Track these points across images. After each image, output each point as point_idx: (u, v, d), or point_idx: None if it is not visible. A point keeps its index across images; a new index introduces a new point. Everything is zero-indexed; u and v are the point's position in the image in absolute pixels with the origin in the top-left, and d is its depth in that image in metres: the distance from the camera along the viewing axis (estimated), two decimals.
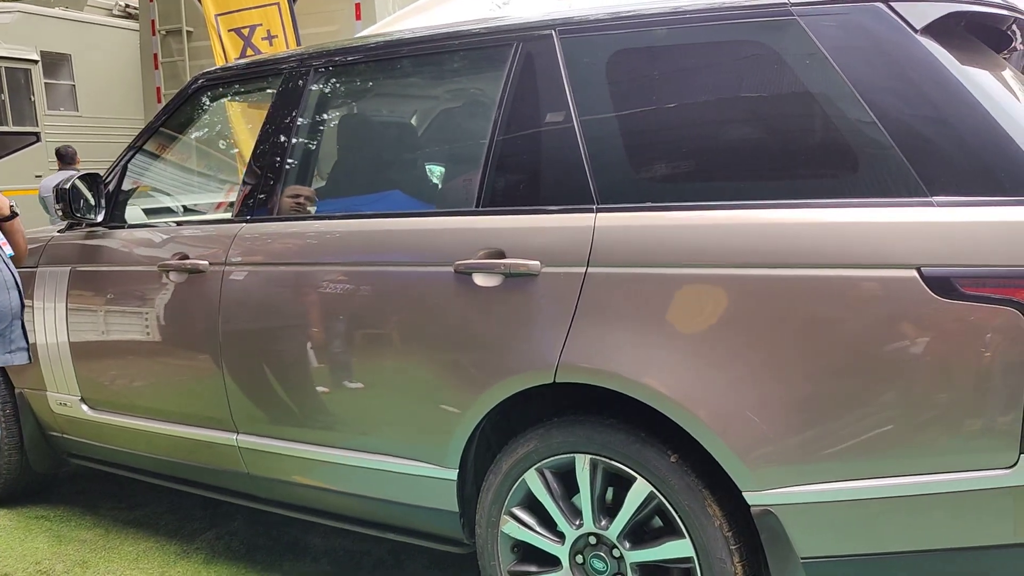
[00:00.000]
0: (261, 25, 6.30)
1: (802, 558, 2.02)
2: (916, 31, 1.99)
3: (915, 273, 1.84)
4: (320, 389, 2.72)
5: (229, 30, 6.38)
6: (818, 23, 2.06)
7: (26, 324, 2.77)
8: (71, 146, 8.69)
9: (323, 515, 2.94)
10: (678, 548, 2.17)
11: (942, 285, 1.82)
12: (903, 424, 1.88)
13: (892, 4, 2.02)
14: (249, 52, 6.29)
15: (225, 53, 6.34)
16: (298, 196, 2.96)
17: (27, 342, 2.71)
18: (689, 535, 2.14)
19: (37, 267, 3.59)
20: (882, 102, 1.96)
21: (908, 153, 1.91)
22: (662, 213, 2.16)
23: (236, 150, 5.23)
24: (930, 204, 1.87)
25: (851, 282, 1.91)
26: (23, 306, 2.73)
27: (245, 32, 6.34)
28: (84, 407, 3.48)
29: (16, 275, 2.76)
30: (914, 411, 1.87)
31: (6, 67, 9.44)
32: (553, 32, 2.43)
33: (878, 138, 1.95)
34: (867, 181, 1.96)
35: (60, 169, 8.39)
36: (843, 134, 2.00)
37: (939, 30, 2.01)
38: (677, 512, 2.15)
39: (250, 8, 6.29)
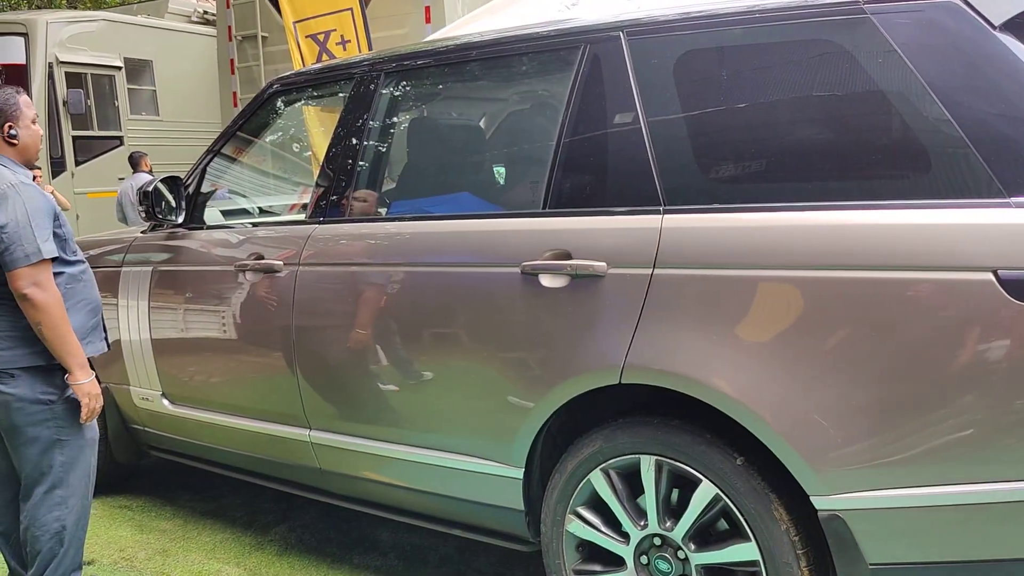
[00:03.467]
0: (335, 30, 6.43)
1: (870, 564, 1.98)
2: (994, 27, 1.93)
3: (991, 276, 1.80)
4: (389, 387, 2.78)
5: (306, 36, 6.54)
6: (892, 21, 2.02)
7: (108, 322, 2.94)
8: (138, 151, 9.02)
9: (392, 510, 3.00)
10: (744, 551, 2.16)
11: (1019, 288, 1.77)
12: (979, 429, 1.84)
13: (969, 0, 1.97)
14: (324, 57, 6.43)
15: (303, 58, 6.50)
16: (367, 199, 3.03)
17: (106, 333, 2.89)
18: (755, 538, 2.13)
19: (122, 266, 3.74)
20: (958, 101, 1.92)
21: (985, 153, 1.86)
22: (730, 215, 2.15)
23: (309, 153, 5.35)
24: (1007, 205, 1.82)
25: (925, 285, 1.87)
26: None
27: (321, 38, 6.48)
28: (165, 402, 3.61)
29: None
30: (991, 416, 1.83)
31: (92, 73, 9.81)
32: (621, 34, 2.43)
33: (954, 138, 1.90)
34: (942, 182, 1.91)
35: (134, 174, 8.74)
36: (917, 134, 1.96)
37: (1019, 26, 1.96)
38: (743, 515, 2.14)
39: (325, 14, 6.43)
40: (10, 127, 2.70)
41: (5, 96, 2.72)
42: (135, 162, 8.83)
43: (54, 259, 2.60)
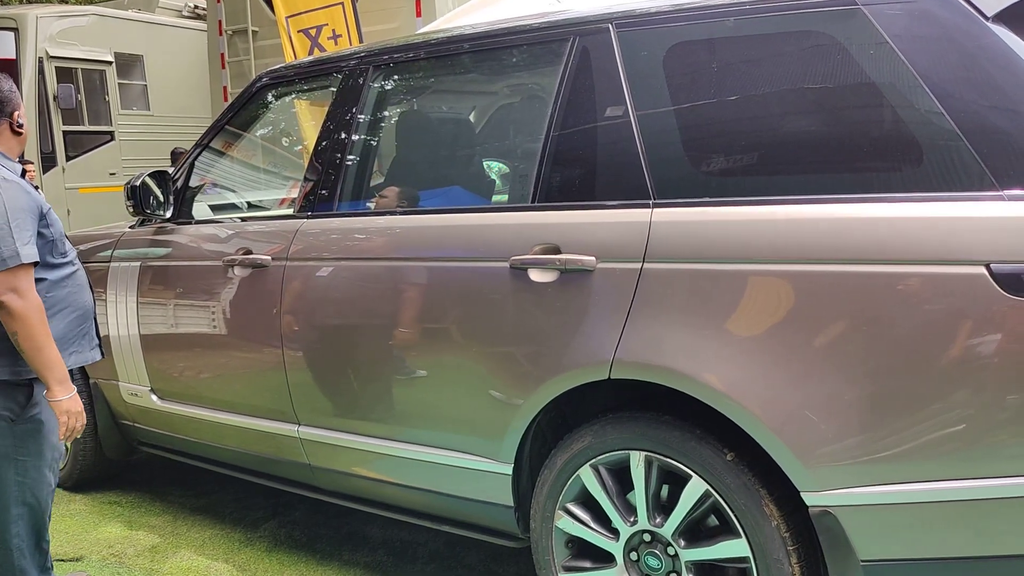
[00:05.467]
0: (327, 25, 6.42)
1: (862, 560, 1.97)
2: (987, 18, 1.92)
3: (984, 270, 1.78)
4: (378, 382, 2.75)
5: (298, 31, 6.53)
6: (883, 12, 2.01)
7: (98, 318, 2.84)
8: (180, 147, 8.96)
9: (381, 506, 2.98)
10: (734, 547, 2.14)
11: (1013, 282, 1.75)
12: (971, 425, 1.82)
13: None
14: (316, 52, 6.41)
15: (295, 53, 6.49)
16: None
17: (100, 339, 2.80)
18: (745, 535, 2.11)
19: (110, 262, 3.71)
20: (950, 93, 1.90)
21: (977, 145, 1.85)
22: (720, 208, 2.13)
23: (299, 147, 5.33)
24: (1000, 198, 1.81)
25: (917, 279, 1.85)
26: (95, 303, 2.80)
27: (313, 33, 6.48)
28: (154, 397, 3.59)
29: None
30: (983, 412, 1.81)
31: (83, 68, 9.75)
32: (610, 26, 2.41)
33: (946, 130, 1.88)
34: (934, 174, 1.89)
35: None
36: (909, 126, 1.94)
37: (1012, 17, 1.94)
38: (733, 511, 2.12)
39: (317, 9, 6.42)
40: (19, 115, 2.56)
41: (10, 84, 2.56)
42: (174, 158, 8.78)
43: (36, 263, 2.44)
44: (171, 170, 3.62)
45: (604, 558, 2.39)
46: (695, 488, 2.18)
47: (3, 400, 2.50)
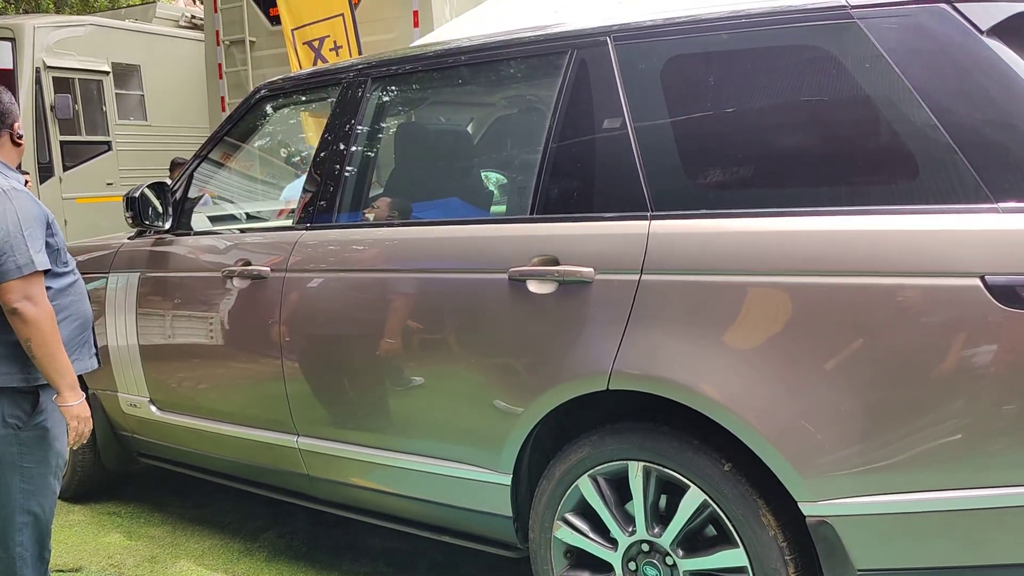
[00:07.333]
0: (329, 36, 6.50)
1: (859, 570, 1.98)
2: (982, 32, 1.94)
3: (979, 282, 1.80)
4: (377, 393, 2.76)
5: (303, 43, 6.61)
6: (878, 25, 2.02)
7: (97, 329, 2.85)
8: (180, 157, 8.95)
9: (380, 517, 2.98)
10: (732, 557, 2.15)
11: (1007, 294, 1.77)
12: (967, 435, 1.84)
13: (956, 5, 1.97)
14: (319, 63, 6.47)
15: (300, 65, 6.58)
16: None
17: (97, 347, 2.81)
18: (743, 544, 2.12)
19: (109, 273, 3.72)
20: (945, 106, 1.92)
21: (972, 158, 1.86)
22: (717, 220, 2.14)
23: (297, 158, 5.35)
24: (995, 211, 1.82)
25: (913, 291, 1.87)
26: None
27: (316, 44, 6.56)
28: (153, 408, 3.59)
29: None
30: (979, 422, 1.83)
31: (80, 78, 9.75)
32: (608, 39, 2.43)
33: (941, 143, 1.90)
34: (929, 187, 1.91)
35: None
36: (904, 139, 1.96)
37: (1006, 31, 1.96)
38: (731, 521, 2.13)
39: (319, 21, 6.50)
40: (18, 127, 2.60)
41: (8, 96, 2.59)
42: (176, 169, 8.76)
43: (45, 272, 2.47)
44: (170, 181, 3.63)
45: (603, 568, 2.40)
46: (693, 498, 2.19)
47: (10, 407, 2.51)
